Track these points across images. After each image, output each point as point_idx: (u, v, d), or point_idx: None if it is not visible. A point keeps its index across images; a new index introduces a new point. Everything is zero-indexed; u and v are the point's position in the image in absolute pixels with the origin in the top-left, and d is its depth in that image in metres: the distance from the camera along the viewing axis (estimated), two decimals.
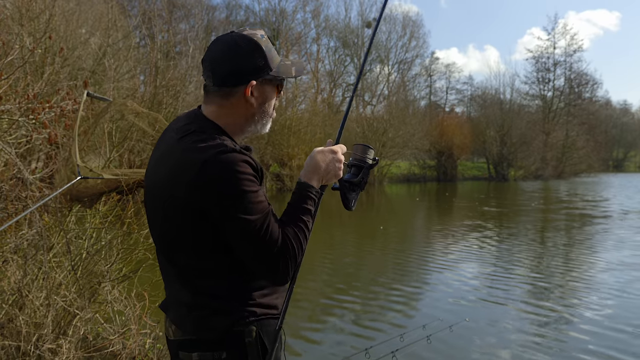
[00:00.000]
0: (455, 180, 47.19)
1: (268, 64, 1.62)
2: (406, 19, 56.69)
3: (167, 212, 1.55)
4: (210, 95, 1.64)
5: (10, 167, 5.27)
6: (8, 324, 3.84)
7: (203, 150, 1.48)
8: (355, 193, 1.81)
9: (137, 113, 4.46)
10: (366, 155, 1.82)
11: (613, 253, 10.78)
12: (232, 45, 1.60)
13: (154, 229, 1.67)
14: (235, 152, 1.48)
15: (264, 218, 1.50)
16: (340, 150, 1.75)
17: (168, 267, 1.65)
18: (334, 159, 1.72)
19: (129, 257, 4.49)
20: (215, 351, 1.55)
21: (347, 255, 11.34)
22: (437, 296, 7.67)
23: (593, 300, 7.19)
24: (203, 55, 1.66)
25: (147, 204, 1.70)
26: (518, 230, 15.07)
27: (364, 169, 1.81)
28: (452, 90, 64.97)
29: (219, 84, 1.61)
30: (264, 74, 1.62)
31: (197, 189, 1.46)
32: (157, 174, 1.62)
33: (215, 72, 1.60)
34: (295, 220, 1.60)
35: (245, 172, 1.48)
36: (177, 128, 1.62)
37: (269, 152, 30.20)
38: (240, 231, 1.48)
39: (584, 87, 63.80)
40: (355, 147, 1.84)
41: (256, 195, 1.50)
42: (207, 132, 1.55)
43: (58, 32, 12.02)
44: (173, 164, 1.53)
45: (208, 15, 42.06)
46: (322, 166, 1.70)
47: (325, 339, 5.91)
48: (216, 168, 1.45)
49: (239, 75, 1.60)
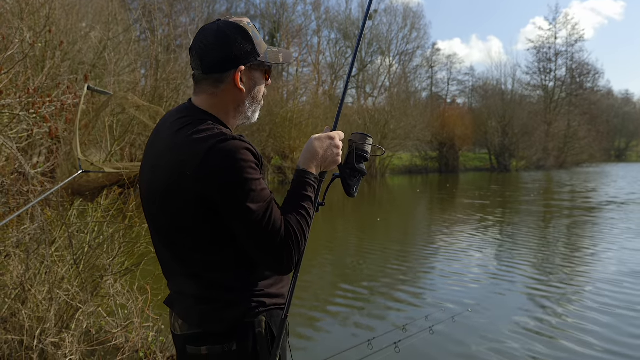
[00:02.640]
0: (457, 171, 47.19)
1: (256, 50, 1.62)
2: (407, 10, 56.74)
3: (171, 205, 1.53)
4: (200, 85, 1.64)
5: (11, 162, 5.27)
6: (11, 319, 3.86)
7: (204, 141, 1.47)
8: (356, 179, 1.81)
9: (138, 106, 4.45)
10: (365, 143, 1.82)
11: (616, 243, 10.76)
12: (219, 32, 1.59)
13: (154, 222, 1.65)
14: (235, 140, 1.47)
15: (267, 206, 1.49)
16: (338, 136, 1.75)
17: (171, 261, 1.63)
18: (332, 145, 1.71)
19: (131, 251, 4.49)
20: (225, 343, 1.55)
21: (349, 247, 11.35)
22: (440, 287, 7.67)
23: (596, 292, 7.17)
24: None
25: (146, 200, 1.68)
26: (520, 221, 15.05)
27: (362, 155, 1.81)
28: (454, 81, 65.00)
29: (208, 71, 1.60)
30: (252, 59, 1.62)
31: (201, 180, 1.45)
32: (156, 169, 1.59)
33: (203, 60, 1.60)
34: (296, 207, 1.59)
35: (248, 159, 1.47)
36: (172, 122, 1.60)
37: (270, 145, 30.18)
38: (244, 220, 1.47)
39: (585, 77, 63.80)
40: (353, 135, 1.84)
41: (259, 182, 1.49)
42: (203, 122, 1.54)
43: (58, 26, 11.98)
44: (173, 159, 1.51)
45: (209, 8, 41.83)
46: (320, 153, 1.69)
47: (327, 330, 5.92)
48: (218, 157, 1.44)
49: (227, 60, 1.59)
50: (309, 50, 48.89)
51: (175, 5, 31.80)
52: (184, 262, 1.59)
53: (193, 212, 1.50)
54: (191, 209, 1.49)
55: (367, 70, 53.88)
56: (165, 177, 1.53)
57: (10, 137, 5.38)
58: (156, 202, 1.60)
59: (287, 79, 43.17)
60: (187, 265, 1.58)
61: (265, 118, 27.92)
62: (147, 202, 1.66)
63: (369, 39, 54.61)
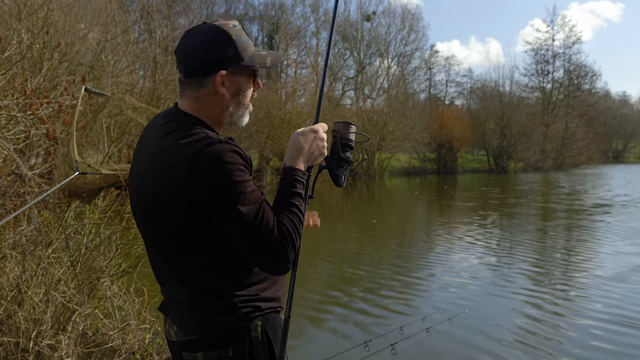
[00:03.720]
0: (456, 172, 47.22)
1: (239, 54, 1.60)
2: (405, 12, 56.72)
3: (160, 211, 1.52)
4: (183, 88, 1.63)
5: (8, 163, 5.26)
6: (7, 320, 3.85)
7: (190, 145, 1.45)
8: (343, 169, 1.80)
9: (136, 108, 4.46)
10: (349, 131, 1.81)
11: (612, 245, 10.78)
12: (201, 36, 1.58)
13: (145, 229, 1.64)
14: (222, 143, 1.46)
15: (258, 207, 1.48)
16: (322, 129, 1.73)
17: (164, 267, 1.62)
18: (316, 138, 1.69)
19: (128, 252, 4.49)
20: (221, 349, 1.54)
21: (346, 248, 11.34)
22: (436, 288, 7.68)
23: (595, 293, 7.18)
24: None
25: (135, 207, 1.66)
26: (517, 222, 15.06)
27: (347, 144, 1.80)
28: (452, 83, 65.06)
29: (190, 74, 1.59)
30: (235, 63, 1.59)
31: (189, 185, 1.43)
32: (145, 175, 1.58)
33: (185, 63, 1.59)
34: (287, 205, 1.57)
35: (235, 162, 1.45)
36: (159, 127, 1.59)
37: (269, 146, 30.16)
38: (236, 223, 1.45)
39: (583, 79, 63.89)
40: (336, 124, 1.82)
41: (248, 184, 1.47)
42: (189, 126, 1.53)
43: (56, 27, 11.96)
44: (160, 164, 1.50)
45: (207, 9, 41.88)
46: (305, 147, 1.67)
47: (324, 332, 5.91)
48: (205, 161, 1.42)
49: (208, 65, 1.57)
50: (308, 52, 48.92)
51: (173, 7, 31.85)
52: (175, 268, 1.58)
53: (182, 217, 1.48)
54: (180, 214, 1.48)
55: (365, 72, 53.93)
56: (153, 183, 1.52)
57: (7, 138, 5.37)
58: (145, 208, 1.59)
59: (286, 81, 43.23)
60: (178, 271, 1.57)
61: (264, 120, 27.93)
62: (137, 208, 1.65)
63: (368, 40, 54.72)
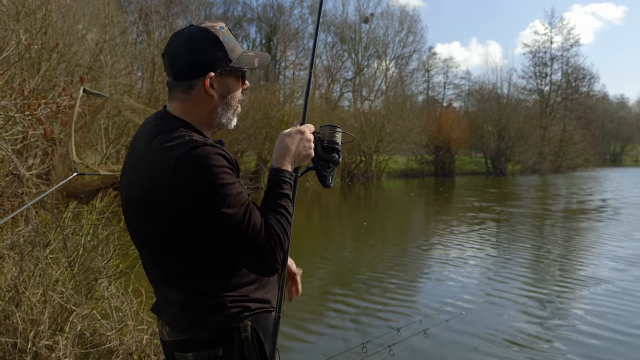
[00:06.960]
0: (453, 175, 47.24)
1: (227, 55, 1.60)
2: (403, 14, 56.85)
3: (148, 215, 1.53)
4: (172, 91, 1.63)
5: (6, 164, 5.26)
6: (4, 321, 3.84)
7: (175, 148, 1.45)
8: (330, 169, 1.80)
9: (134, 109, 4.47)
10: (334, 132, 1.82)
11: (611, 247, 10.80)
12: (188, 38, 1.58)
13: (135, 231, 1.64)
14: (207, 146, 1.46)
15: (245, 209, 1.48)
16: (308, 129, 1.73)
17: (154, 270, 1.64)
18: (303, 139, 1.70)
19: (126, 253, 4.50)
20: (211, 349, 1.55)
21: (343, 250, 11.34)
22: (433, 290, 7.69)
23: (592, 297, 7.20)
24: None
25: (125, 211, 1.67)
26: (515, 225, 15.07)
27: (333, 146, 1.81)
28: (450, 85, 65.25)
29: (178, 77, 1.59)
30: (223, 65, 1.60)
31: (175, 189, 1.43)
32: (133, 181, 1.58)
33: (173, 66, 1.59)
34: (275, 207, 1.58)
35: (220, 164, 1.45)
36: (148, 130, 1.59)
37: (267, 148, 30.09)
38: (223, 225, 1.46)
39: (581, 82, 64.07)
40: (322, 127, 1.83)
41: (234, 187, 1.47)
42: (176, 130, 1.53)
43: (54, 28, 11.95)
44: (147, 168, 1.51)
45: (205, 11, 41.90)
46: (292, 148, 1.67)
47: (321, 333, 5.92)
48: (190, 164, 1.42)
49: (196, 67, 1.57)
50: (306, 53, 48.88)
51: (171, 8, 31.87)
52: (165, 271, 1.59)
53: (169, 220, 1.49)
54: (167, 217, 1.49)
55: (363, 74, 54.00)
56: (141, 187, 1.53)
57: (5, 138, 5.36)
58: (134, 212, 1.60)
59: (284, 82, 43.27)
60: (168, 273, 1.58)
61: (262, 121, 27.89)
62: (127, 212, 1.65)
63: (366, 42, 54.78)
